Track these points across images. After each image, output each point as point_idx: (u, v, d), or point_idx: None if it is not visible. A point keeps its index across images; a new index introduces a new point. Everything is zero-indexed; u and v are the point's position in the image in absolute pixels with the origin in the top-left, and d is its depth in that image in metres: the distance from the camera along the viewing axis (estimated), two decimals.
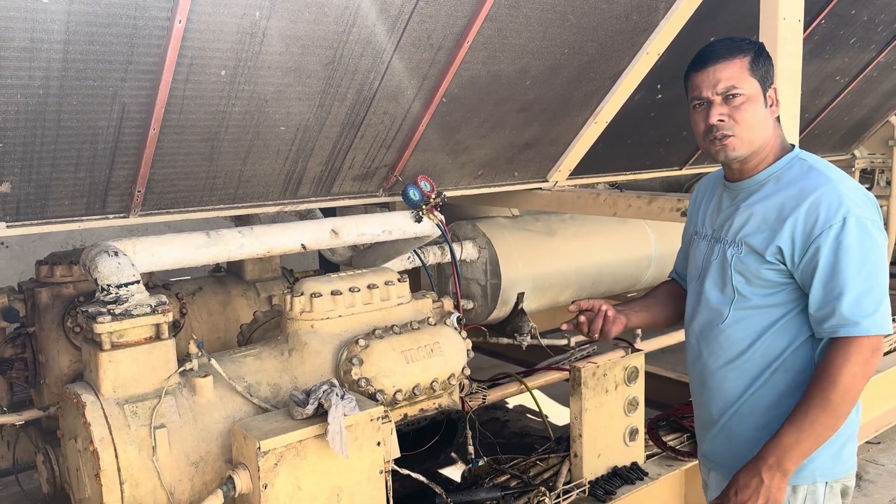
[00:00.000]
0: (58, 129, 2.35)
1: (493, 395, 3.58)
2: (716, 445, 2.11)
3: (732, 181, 2.05)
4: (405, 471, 2.47)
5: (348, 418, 2.11)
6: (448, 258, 3.88)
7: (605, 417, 3.09)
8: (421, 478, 2.53)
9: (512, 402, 5.18)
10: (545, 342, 4.14)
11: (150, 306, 2.28)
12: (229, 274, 3.85)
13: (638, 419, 3.21)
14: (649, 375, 3.27)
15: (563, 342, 4.31)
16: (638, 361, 3.19)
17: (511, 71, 3.15)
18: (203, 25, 2.30)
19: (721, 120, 1.93)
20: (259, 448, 2.01)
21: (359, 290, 2.64)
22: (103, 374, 2.19)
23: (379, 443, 2.22)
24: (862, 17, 4.43)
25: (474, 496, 2.89)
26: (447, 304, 3.02)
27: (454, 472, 3.23)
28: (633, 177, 4.57)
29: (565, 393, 3.21)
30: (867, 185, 6.74)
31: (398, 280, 2.76)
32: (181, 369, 2.31)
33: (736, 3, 3.63)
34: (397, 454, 2.33)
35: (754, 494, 1.85)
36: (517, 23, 2.93)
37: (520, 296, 4.10)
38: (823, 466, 1.96)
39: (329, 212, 3.48)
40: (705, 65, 1.94)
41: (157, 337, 2.29)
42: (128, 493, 2.13)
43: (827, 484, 1.97)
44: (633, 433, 3.20)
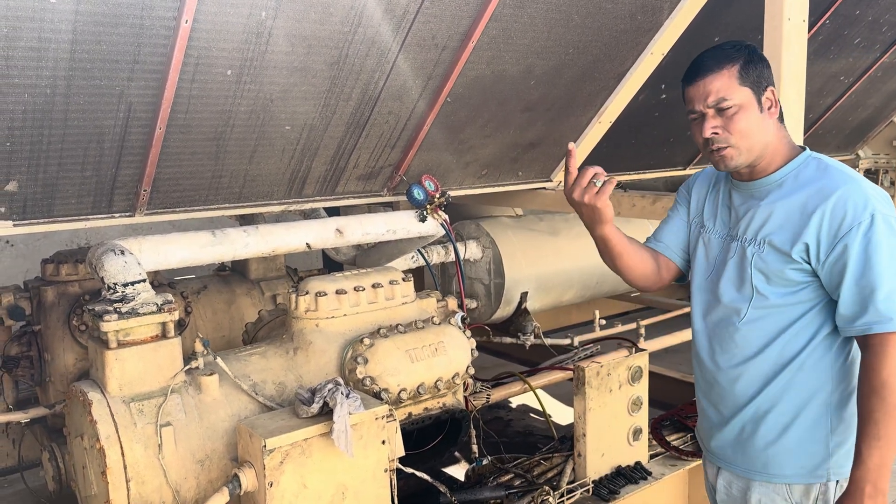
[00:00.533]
0: (65, 129, 2.36)
1: (497, 395, 3.58)
2: (727, 444, 2.08)
3: (743, 181, 2.04)
4: (410, 469, 2.48)
5: (353, 417, 2.12)
6: (452, 257, 3.89)
7: (609, 417, 3.09)
8: (425, 476, 2.54)
9: (515, 402, 5.17)
10: (549, 342, 4.15)
11: (157, 305, 2.29)
12: (234, 273, 3.86)
13: (642, 419, 3.22)
14: (653, 375, 3.28)
15: (567, 342, 4.32)
16: (642, 361, 3.20)
17: (515, 71, 3.15)
18: (209, 25, 2.31)
19: (715, 133, 1.92)
20: (265, 446, 2.02)
21: (363, 290, 2.65)
22: (109, 373, 2.20)
23: (384, 441, 2.22)
24: (867, 17, 4.43)
25: (478, 495, 2.89)
26: (451, 304, 3.02)
27: (458, 471, 3.23)
28: (637, 176, 4.57)
29: (569, 392, 3.21)
30: None
31: (402, 279, 2.76)
32: (187, 367, 2.32)
33: (740, 3, 3.62)
34: (402, 453, 2.34)
35: None
36: (522, 23, 2.94)
37: (523, 295, 4.11)
38: (837, 465, 1.95)
39: (333, 211, 3.49)
40: (695, 78, 1.94)
41: (163, 335, 2.30)
42: (134, 491, 2.14)
43: (839, 482, 1.96)
44: (637, 433, 3.20)
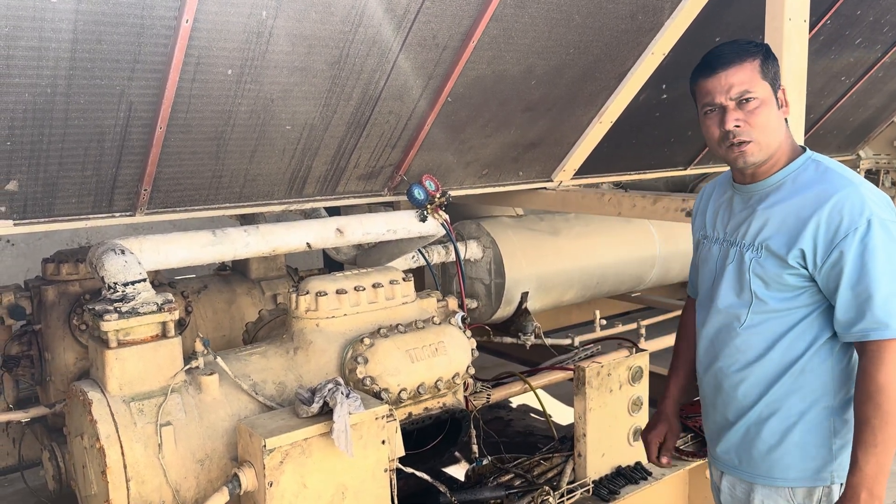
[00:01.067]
0: (65, 128, 2.36)
1: (497, 395, 3.57)
2: (732, 448, 2.07)
3: (744, 184, 2.02)
4: (410, 469, 2.48)
5: (353, 417, 2.11)
6: (452, 257, 3.88)
7: (609, 417, 3.09)
8: (425, 476, 2.54)
9: (516, 402, 5.17)
10: (549, 341, 4.15)
11: (157, 304, 2.29)
12: (234, 272, 3.86)
13: (642, 419, 3.21)
14: (653, 375, 3.27)
15: (567, 342, 4.32)
16: (642, 361, 3.20)
17: (516, 70, 3.15)
18: (210, 25, 2.31)
19: (737, 125, 1.89)
20: (265, 446, 2.02)
21: (364, 289, 2.65)
22: (109, 372, 2.20)
23: (384, 441, 2.22)
24: (868, 18, 4.43)
25: (478, 495, 2.89)
26: (451, 304, 3.02)
27: (458, 471, 3.22)
28: (638, 177, 4.57)
29: (569, 392, 3.21)
30: None
31: (403, 279, 2.76)
32: (187, 367, 2.32)
33: (741, 3, 3.62)
34: (402, 453, 2.34)
35: None
36: (523, 23, 2.94)
37: (524, 295, 4.11)
38: (840, 468, 1.94)
39: (334, 211, 3.48)
40: (715, 70, 1.89)
41: (164, 335, 2.30)
42: (134, 491, 2.14)
43: (842, 486, 1.94)
44: (637, 433, 3.20)
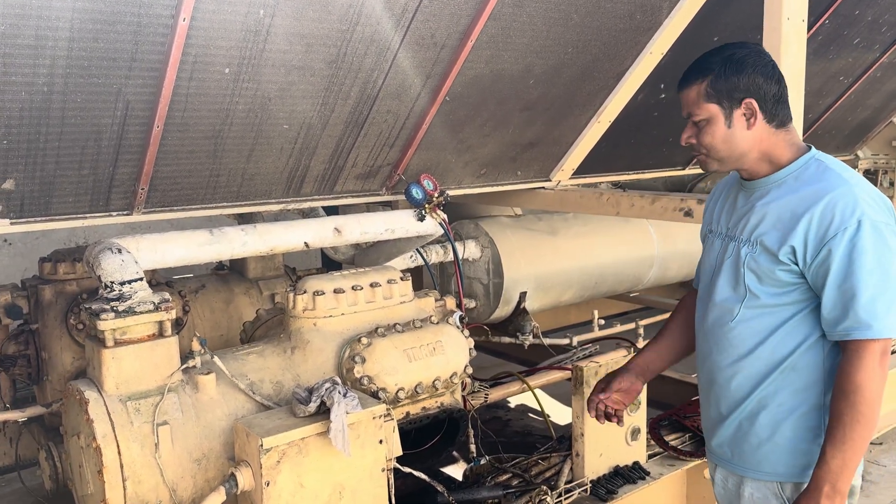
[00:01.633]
0: (62, 127, 2.36)
1: (495, 394, 3.58)
2: (725, 442, 2.09)
3: (748, 180, 2.06)
4: (407, 469, 2.47)
5: (351, 416, 2.11)
6: (451, 257, 3.88)
7: None
8: (423, 476, 2.54)
9: (514, 402, 5.17)
10: (547, 341, 4.15)
11: (154, 303, 2.29)
12: (232, 272, 3.85)
13: (640, 419, 3.21)
14: None
15: (566, 341, 4.32)
16: None
17: (514, 70, 3.15)
18: (207, 23, 2.30)
19: (690, 141, 2.06)
20: (262, 445, 2.02)
21: (361, 289, 2.64)
22: (106, 371, 2.20)
23: (381, 441, 2.22)
24: (866, 18, 4.43)
25: (476, 495, 2.89)
26: (449, 303, 3.02)
27: (456, 471, 3.22)
28: (636, 176, 4.57)
29: (567, 392, 3.21)
30: None
31: (401, 278, 2.76)
32: (184, 366, 2.31)
33: (740, 3, 3.62)
34: (399, 452, 2.33)
35: None
36: (521, 22, 2.93)
37: (522, 295, 4.11)
38: None
39: (332, 210, 3.48)
40: (678, 87, 2.06)
41: (160, 334, 2.29)
42: (130, 490, 2.14)
43: None
44: (635, 433, 3.20)
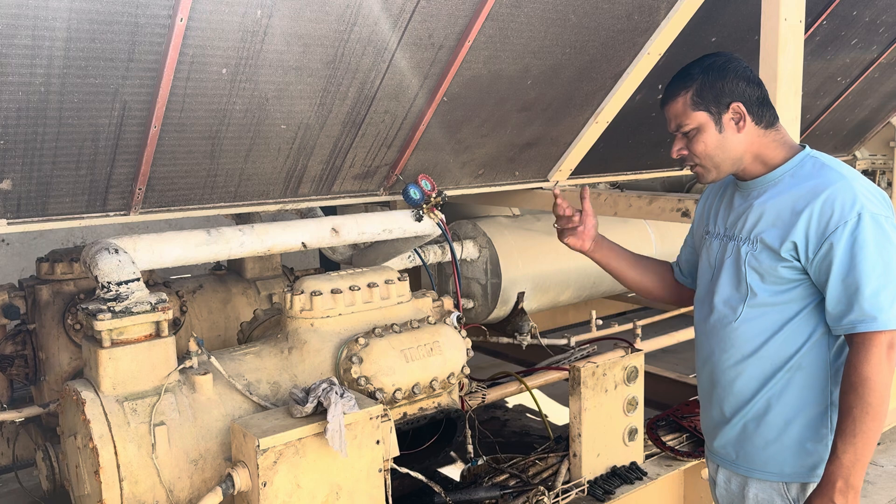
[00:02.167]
0: (59, 127, 2.36)
1: (493, 395, 3.58)
2: (729, 443, 2.09)
3: (743, 180, 2.07)
4: (404, 469, 2.47)
5: (348, 416, 2.11)
6: (448, 257, 3.88)
7: (605, 417, 3.09)
8: (420, 476, 2.54)
9: (511, 402, 5.18)
10: (545, 342, 4.15)
11: (151, 304, 2.29)
12: (230, 272, 3.86)
13: (637, 419, 3.21)
14: (649, 375, 3.28)
15: (563, 342, 4.32)
16: (637, 361, 3.20)
17: (512, 70, 3.15)
18: (204, 23, 2.30)
19: (681, 153, 2.04)
20: (258, 446, 2.01)
21: (359, 289, 2.64)
22: (103, 372, 2.20)
23: (378, 441, 2.22)
24: (864, 18, 4.43)
25: (473, 495, 2.89)
26: (447, 303, 3.02)
27: (453, 471, 3.22)
28: (634, 177, 4.57)
29: (565, 392, 3.21)
30: None
31: (398, 279, 2.76)
32: (181, 367, 2.31)
33: (737, 4, 3.62)
34: (396, 453, 2.33)
35: None
36: (518, 22, 2.93)
37: (520, 295, 4.11)
38: None
39: (330, 210, 3.48)
40: (662, 103, 2.06)
41: (157, 334, 2.29)
42: (127, 491, 2.14)
43: None
44: (633, 433, 3.20)
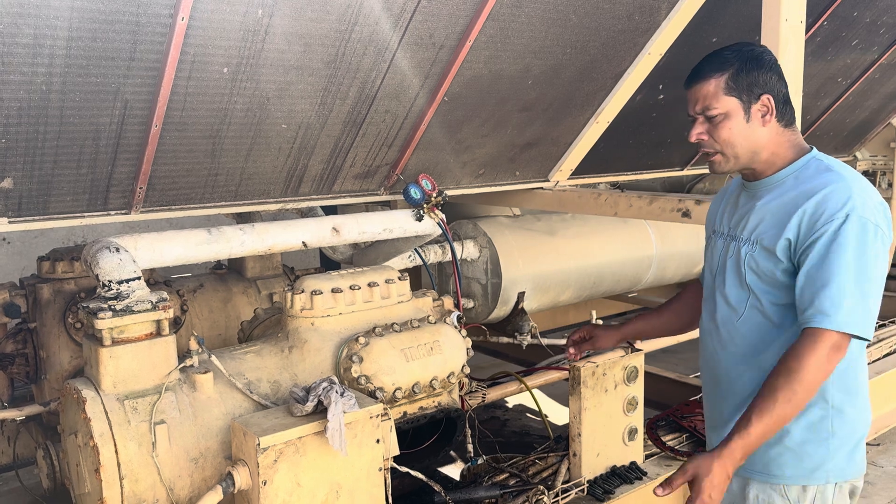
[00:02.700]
0: (60, 126, 2.36)
1: (493, 394, 3.58)
2: None
3: (750, 181, 2.07)
4: (404, 468, 2.48)
5: (348, 416, 2.11)
6: (449, 257, 3.88)
7: (605, 417, 3.09)
8: (420, 476, 2.54)
9: (511, 402, 5.18)
10: (545, 341, 4.15)
11: (151, 302, 2.29)
12: (230, 271, 3.86)
13: (637, 419, 3.21)
14: (649, 375, 3.28)
15: (563, 342, 4.31)
16: (637, 361, 3.19)
17: (513, 70, 3.15)
18: (206, 23, 2.30)
19: (701, 138, 1.99)
20: (259, 444, 2.02)
21: (359, 288, 2.65)
22: (104, 370, 2.20)
23: (378, 440, 2.22)
24: (864, 19, 4.43)
25: (473, 494, 2.89)
26: (447, 303, 3.02)
27: (453, 471, 3.22)
28: (635, 177, 4.57)
29: (565, 392, 3.21)
30: None
31: (399, 278, 2.76)
32: (181, 365, 2.31)
33: (738, 4, 3.62)
34: (396, 452, 2.34)
35: (719, 485, 1.80)
36: (519, 22, 2.94)
37: (520, 295, 4.11)
38: (837, 467, 1.95)
39: (330, 210, 3.48)
40: (689, 83, 2.01)
41: (158, 333, 2.29)
42: (127, 489, 2.14)
43: (836, 484, 1.96)
44: (633, 433, 3.20)
